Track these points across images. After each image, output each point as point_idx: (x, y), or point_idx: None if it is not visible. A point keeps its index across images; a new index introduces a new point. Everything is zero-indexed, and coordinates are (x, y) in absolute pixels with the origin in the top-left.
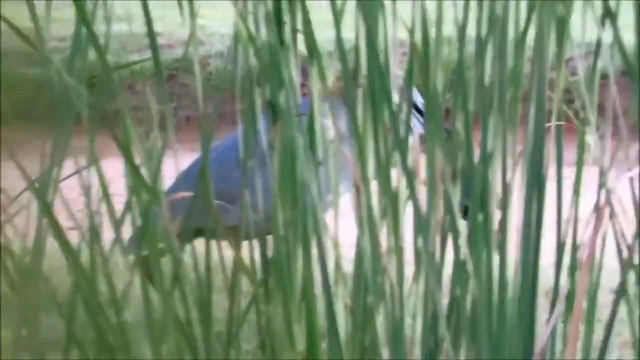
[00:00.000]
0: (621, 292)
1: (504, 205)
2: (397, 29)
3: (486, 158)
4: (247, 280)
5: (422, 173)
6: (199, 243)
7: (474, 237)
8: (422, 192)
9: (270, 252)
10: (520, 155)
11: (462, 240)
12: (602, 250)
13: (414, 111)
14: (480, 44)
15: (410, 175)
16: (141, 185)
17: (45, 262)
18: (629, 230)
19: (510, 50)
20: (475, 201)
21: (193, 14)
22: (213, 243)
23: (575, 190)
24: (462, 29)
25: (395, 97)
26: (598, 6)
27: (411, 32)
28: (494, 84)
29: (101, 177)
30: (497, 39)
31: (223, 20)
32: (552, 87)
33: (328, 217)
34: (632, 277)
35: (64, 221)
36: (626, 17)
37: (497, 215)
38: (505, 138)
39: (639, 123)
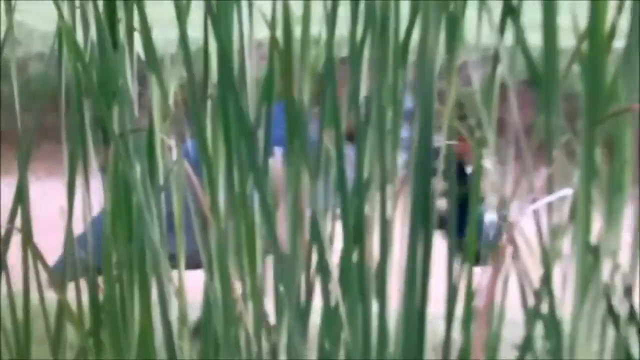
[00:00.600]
0: (526, 346)
1: (383, 243)
2: (255, 27)
3: (361, 186)
4: (73, 329)
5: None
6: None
7: (346, 280)
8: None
9: (101, 296)
10: (403, 182)
11: (334, 284)
12: (503, 297)
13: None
14: (355, 46)
15: (267, 205)
16: None
17: None
18: (536, 273)
19: (391, 54)
20: (348, 237)
21: (10, 9)
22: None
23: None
24: (331, 27)
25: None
26: (497, 4)
27: (272, 29)
28: (372, 94)
29: None
30: (375, 40)
31: (46, 16)
32: (441, 100)
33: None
34: (538, 329)
35: None
36: (531, 15)
37: (375, 254)
38: (385, 161)
39: (546, 143)
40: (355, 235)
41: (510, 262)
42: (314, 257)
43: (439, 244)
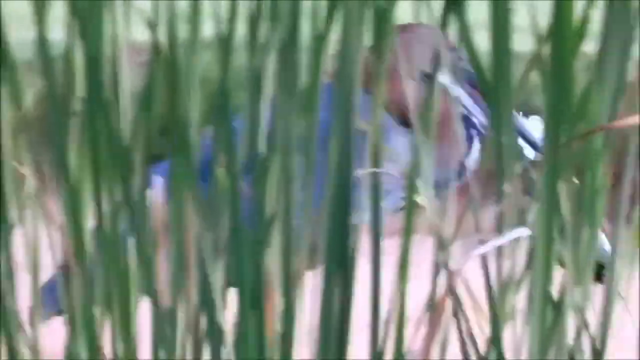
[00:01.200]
0: None
1: (287, 294)
2: (132, 28)
3: (264, 222)
4: None
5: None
6: None
7: (240, 340)
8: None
9: None
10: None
11: (227, 352)
12: None
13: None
14: (256, 51)
15: (143, 247)
16: None
17: None
18: (482, 333)
19: (306, 59)
20: (245, 292)
21: None
22: None
23: (400, 273)
24: (229, 27)
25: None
26: None
27: (153, 29)
28: (280, 110)
29: None
30: (284, 43)
31: None
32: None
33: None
34: None
35: None
36: (478, 11)
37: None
38: (289, 194)
39: (496, 171)
40: (253, 296)
41: (451, 318)
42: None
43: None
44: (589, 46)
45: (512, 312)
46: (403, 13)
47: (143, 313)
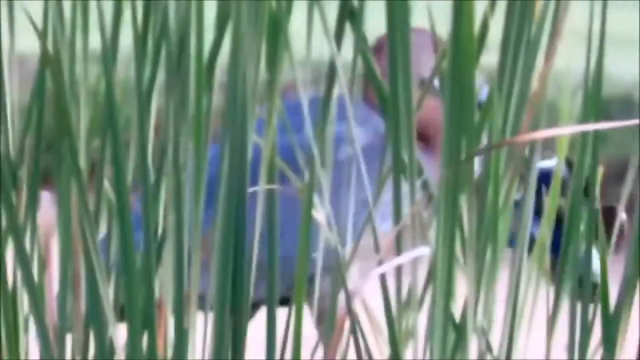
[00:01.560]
0: None
1: (179, 314)
2: (18, 35)
3: (151, 253)
4: None
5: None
6: None
7: None
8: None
9: None
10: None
11: None
12: None
13: None
14: (141, 66)
15: (27, 267)
16: None
17: None
18: (381, 355)
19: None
20: (135, 312)
21: None
22: None
23: (297, 291)
24: (112, 39)
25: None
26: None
27: (43, 38)
28: (167, 128)
29: None
30: (170, 56)
31: None
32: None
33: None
34: None
35: None
36: (376, 19)
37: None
38: (182, 217)
39: (394, 187)
40: (144, 316)
41: (349, 340)
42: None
43: None
44: (491, 58)
45: (413, 332)
46: (296, 22)
47: (32, 335)
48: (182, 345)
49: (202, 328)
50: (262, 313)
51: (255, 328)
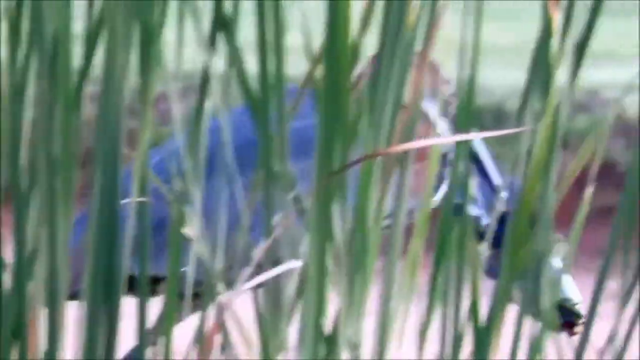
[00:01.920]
0: None
1: (52, 324)
2: None
3: (22, 264)
4: None
5: None
6: None
7: None
8: None
9: None
10: None
11: None
12: None
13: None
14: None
15: None
16: None
17: None
18: None
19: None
20: (5, 322)
21: None
22: None
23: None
24: None
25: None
26: (207, 10)
27: None
28: (38, 142)
29: None
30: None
31: None
32: (131, 143)
33: None
34: None
35: None
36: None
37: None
38: (56, 232)
39: (266, 199)
40: (14, 326)
41: (220, 353)
42: None
43: None
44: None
45: (283, 345)
46: (168, 33)
47: None
48: (53, 355)
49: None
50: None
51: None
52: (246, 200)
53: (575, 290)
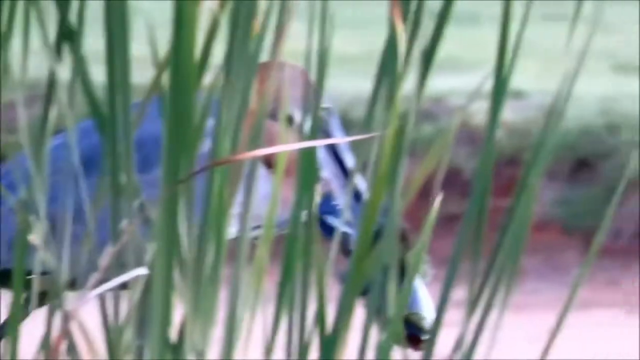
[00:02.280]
0: None
1: None
2: None
3: None
4: None
5: None
6: None
7: None
8: None
9: None
10: None
11: None
12: None
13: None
14: None
15: None
16: None
17: None
18: None
19: None
20: None
21: None
22: None
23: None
24: None
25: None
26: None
27: None
28: None
29: None
30: None
31: None
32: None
33: None
34: None
35: None
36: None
37: None
38: None
39: (111, 209)
40: None
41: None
42: None
43: None
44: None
45: (129, 353)
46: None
47: None
48: None
49: None
50: None
51: None
52: (91, 205)
53: (429, 305)
